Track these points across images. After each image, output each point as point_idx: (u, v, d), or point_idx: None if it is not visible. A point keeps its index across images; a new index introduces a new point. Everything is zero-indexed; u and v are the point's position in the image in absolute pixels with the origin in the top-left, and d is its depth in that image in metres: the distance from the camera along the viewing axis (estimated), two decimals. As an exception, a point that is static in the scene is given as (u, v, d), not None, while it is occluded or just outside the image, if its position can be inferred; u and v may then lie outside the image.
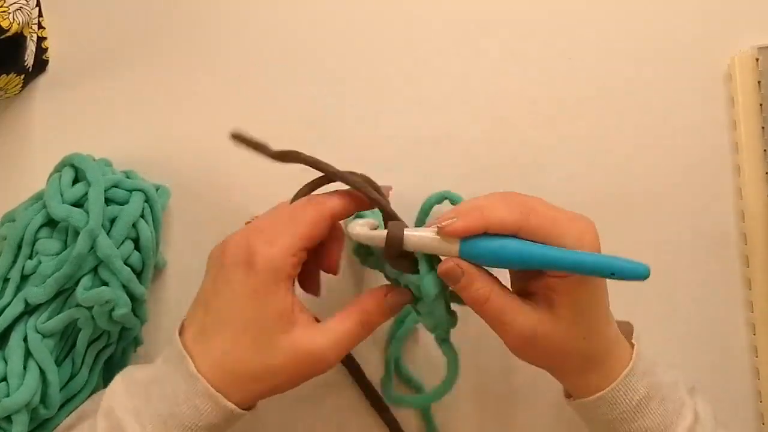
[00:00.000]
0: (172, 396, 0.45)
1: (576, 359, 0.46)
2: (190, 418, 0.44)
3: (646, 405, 0.46)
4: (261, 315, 0.45)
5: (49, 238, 0.53)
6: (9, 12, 0.53)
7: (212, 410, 0.44)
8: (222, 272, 0.46)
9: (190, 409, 0.44)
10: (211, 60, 0.62)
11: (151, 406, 0.45)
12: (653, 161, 0.59)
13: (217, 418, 0.45)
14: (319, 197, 0.48)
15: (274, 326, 0.45)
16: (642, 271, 0.41)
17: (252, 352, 0.45)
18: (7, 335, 0.52)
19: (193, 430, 0.44)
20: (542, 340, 0.45)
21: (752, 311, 0.58)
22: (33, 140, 0.61)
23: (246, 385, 0.45)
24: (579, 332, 0.45)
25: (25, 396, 0.49)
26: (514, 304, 0.45)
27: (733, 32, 0.59)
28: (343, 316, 0.47)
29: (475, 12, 0.61)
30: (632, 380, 0.46)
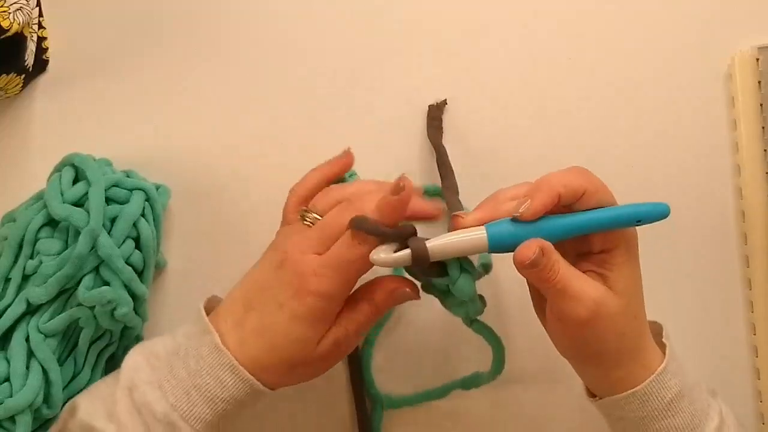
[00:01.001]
0: (196, 368, 0.46)
1: (625, 344, 0.46)
2: (213, 390, 0.45)
3: (677, 403, 0.46)
4: (289, 307, 0.46)
5: (50, 237, 0.53)
6: (9, 12, 0.53)
7: (234, 383, 0.45)
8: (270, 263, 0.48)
9: (213, 380, 0.45)
10: (212, 60, 0.62)
11: (174, 377, 0.46)
12: (653, 161, 0.59)
13: (239, 391, 0.46)
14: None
15: (300, 319, 0.46)
16: (663, 210, 0.45)
17: (277, 337, 0.46)
18: (9, 335, 0.52)
19: (215, 402, 0.45)
20: (606, 314, 0.44)
21: (752, 311, 0.58)
22: (33, 140, 0.61)
23: (278, 369, 0.46)
24: (632, 309, 0.46)
25: (28, 396, 0.49)
26: (581, 276, 0.45)
27: (733, 32, 0.59)
28: (353, 305, 0.48)
29: (474, 12, 0.61)
30: (666, 377, 0.46)
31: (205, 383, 0.45)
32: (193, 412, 0.45)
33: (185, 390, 0.45)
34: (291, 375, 0.47)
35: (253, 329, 0.46)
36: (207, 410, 0.45)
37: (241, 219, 0.60)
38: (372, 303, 0.48)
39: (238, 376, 0.45)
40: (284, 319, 0.46)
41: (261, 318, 0.46)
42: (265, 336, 0.46)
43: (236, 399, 0.46)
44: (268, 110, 0.61)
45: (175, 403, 0.45)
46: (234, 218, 0.60)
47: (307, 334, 0.46)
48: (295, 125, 0.61)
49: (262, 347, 0.46)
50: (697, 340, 0.58)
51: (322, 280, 0.45)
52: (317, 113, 0.61)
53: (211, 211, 0.61)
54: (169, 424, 0.45)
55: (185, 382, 0.45)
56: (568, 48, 0.61)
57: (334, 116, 0.61)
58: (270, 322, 0.46)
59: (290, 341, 0.46)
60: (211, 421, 0.46)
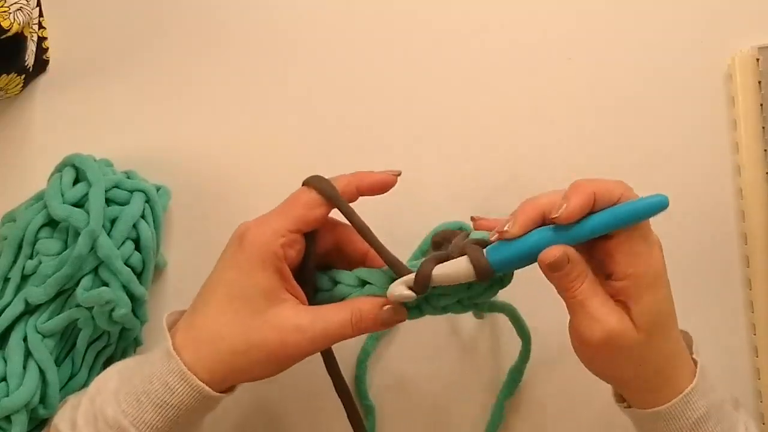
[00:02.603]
0: (149, 374, 0.45)
1: (647, 371, 0.45)
2: (161, 396, 0.45)
3: (703, 424, 0.45)
4: (246, 290, 0.45)
5: (50, 238, 0.53)
6: (9, 12, 0.53)
7: (183, 389, 0.45)
8: (220, 256, 0.48)
9: (161, 386, 0.45)
10: (212, 60, 0.62)
11: (130, 384, 0.45)
12: (653, 161, 0.59)
13: (189, 397, 0.45)
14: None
15: (259, 301, 0.45)
16: (663, 201, 0.44)
17: (233, 325, 0.45)
18: (7, 335, 0.52)
19: (165, 408, 0.45)
20: (621, 345, 0.44)
21: (752, 311, 0.58)
22: (33, 140, 0.61)
23: (223, 361, 0.45)
24: (656, 344, 0.45)
25: (24, 396, 0.49)
26: (602, 296, 0.44)
27: (733, 32, 0.59)
28: (336, 308, 0.47)
29: (474, 12, 0.61)
30: (693, 398, 0.45)
31: (154, 389, 0.45)
32: (143, 418, 0.44)
33: (136, 396, 0.45)
34: (256, 369, 0.46)
35: (216, 331, 0.46)
36: (156, 416, 0.45)
37: (241, 220, 0.60)
38: (356, 312, 0.46)
39: (187, 381, 0.44)
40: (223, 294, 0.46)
41: (219, 304, 0.46)
42: (223, 331, 0.45)
43: (186, 405, 0.45)
44: (268, 111, 0.61)
45: (126, 409, 0.44)
46: (234, 219, 0.59)
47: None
48: (296, 125, 0.61)
49: (220, 346, 0.45)
50: (697, 340, 0.58)
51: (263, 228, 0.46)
52: (318, 113, 0.61)
53: (212, 212, 0.61)
54: (120, 429, 0.44)
55: (137, 388, 0.45)
56: (568, 48, 0.61)
57: (335, 116, 0.61)
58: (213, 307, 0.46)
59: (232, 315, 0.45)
60: (161, 427, 0.45)
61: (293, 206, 0.47)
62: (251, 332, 0.45)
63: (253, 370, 0.46)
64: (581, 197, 0.43)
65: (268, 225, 0.46)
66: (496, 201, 0.59)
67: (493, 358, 0.59)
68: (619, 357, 0.45)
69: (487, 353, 0.59)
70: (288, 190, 0.60)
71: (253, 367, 0.46)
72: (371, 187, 0.48)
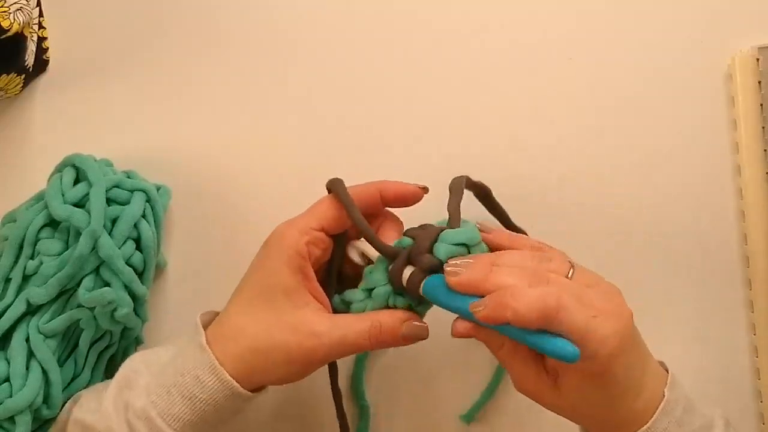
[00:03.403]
0: (180, 368, 0.46)
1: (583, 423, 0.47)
2: (191, 389, 0.45)
3: None
4: (269, 288, 0.46)
5: (51, 238, 0.53)
6: (9, 12, 0.53)
7: (213, 383, 0.45)
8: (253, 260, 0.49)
9: (192, 380, 0.45)
10: (212, 60, 0.62)
11: (161, 375, 0.46)
12: (653, 161, 0.59)
13: (218, 393, 0.45)
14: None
15: (281, 301, 0.46)
16: (572, 355, 0.40)
17: (255, 323, 0.46)
18: (9, 336, 0.52)
19: (193, 401, 0.45)
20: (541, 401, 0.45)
21: (752, 311, 0.58)
22: (33, 140, 0.61)
23: (245, 358, 0.46)
24: (585, 414, 0.45)
25: (27, 397, 0.49)
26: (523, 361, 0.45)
27: (733, 32, 0.59)
28: (357, 318, 0.47)
29: (474, 12, 0.61)
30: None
31: (184, 381, 0.45)
32: (171, 410, 0.45)
33: (166, 388, 0.45)
34: (274, 370, 0.46)
35: (241, 328, 0.46)
36: (185, 409, 0.45)
37: (241, 219, 0.60)
38: (376, 324, 0.46)
39: (217, 376, 0.45)
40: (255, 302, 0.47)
41: (242, 300, 0.47)
42: (246, 329, 0.46)
43: (215, 400, 0.45)
44: (268, 111, 0.61)
45: (155, 400, 0.45)
46: (234, 219, 0.60)
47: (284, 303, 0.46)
48: (296, 125, 0.61)
49: (242, 343, 0.46)
50: (697, 340, 0.58)
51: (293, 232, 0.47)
52: (318, 113, 0.61)
53: (212, 212, 0.61)
54: (147, 419, 0.45)
55: (168, 380, 0.46)
56: (568, 48, 0.61)
57: (335, 116, 0.61)
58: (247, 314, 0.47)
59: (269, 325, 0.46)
60: (190, 420, 0.45)
61: (319, 206, 0.48)
62: (271, 331, 0.46)
63: (273, 370, 0.46)
64: (492, 313, 0.41)
65: (294, 224, 0.47)
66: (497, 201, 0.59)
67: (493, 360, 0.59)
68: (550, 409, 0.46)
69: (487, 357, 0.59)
70: (288, 190, 0.60)
71: (272, 367, 0.46)
72: (396, 197, 0.48)
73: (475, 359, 0.59)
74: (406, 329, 0.46)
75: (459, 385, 0.59)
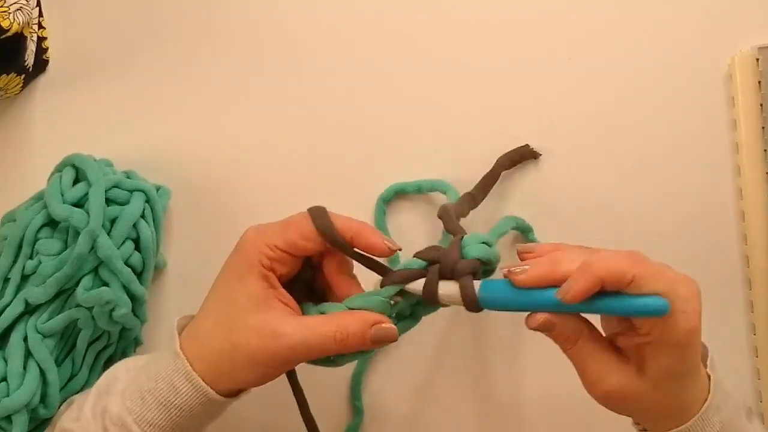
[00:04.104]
0: (155, 373, 0.46)
1: (653, 415, 0.46)
2: (166, 395, 0.45)
3: None
4: (234, 293, 0.46)
5: (50, 238, 0.53)
6: (9, 12, 0.53)
7: (187, 389, 0.45)
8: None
9: (166, 386, 0.45)
10: (212, 60, 0.62)
11: (136, 383, 0.46)
12: (653, 161, 0.59)
13: (193, 399, 0.45)
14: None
15: (245, 304, 0.46)
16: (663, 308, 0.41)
17: (220, 325, 0.46)
18: (7, 335, 0.52)
19: (169, 408, 0.45)
20: (624, 397, 0.44)
21: (752, 311, 0.58)
22: (33, 140, 0.61)
23: (212, 361, 0.45)
24: (664, 394, 0.45)
25: (25, 396, 0.49)
26: (600, 354, 0.45)
27: (733, 32, 0.59)
28: (323, 320, 0.46)
29: (474, 13, 0.61)
30: (708, 415, 0.45)
31: (159, 388, 0.45)
32: (146, 416, 0.45)
33: (141, 394, 0.45)
34: (240, 372, 0.46)
35: (208, 330, 0.46)
36: (160, 415, 0.45)
37: (241, 220, 0.60)
38: (342, 328, 0.45)
39: (191, 382, 0.45)
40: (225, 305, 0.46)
41: (209, 305, 0.47)
42: (212, 332, 0.46)
43: (190, 406, 0.45)
44: (268, 111, 0.61)
45: (130, 406, 0.45)
46: (234, 219, 0.60)
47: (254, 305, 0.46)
48: (296, 126, 0.61)
49: (208, 345, 0.46)
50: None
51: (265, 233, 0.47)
52: (318, 114, 0.61)
53: (212, 212, 0.61)
54: (123, 426, 0.44)
55: (143, 386, 0.45)
56: (568, 48, 0.61)
57: (335, 117, 0.61)
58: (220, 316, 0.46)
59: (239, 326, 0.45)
60: (165, 426, 0.45)
61: (290, 228, 0.47)
62: (234, 334, 0.45)
63: (239, 373, 0.46)
64: (587, 283, 0.42)
65: (262, 235, 0.47)
66: (497, 201, 0.59)
67: (492, 367, 0.59)
68: (622, 406, 0.46)
69: (484, 362, 0.59)
70: (287, 190, 0.60)
71: (237, 369, 0.45)
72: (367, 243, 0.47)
73: (475, 373, 0.59)
74: (374, 332, 0.45)
75: (457, 399, 0.59)
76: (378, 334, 0.45)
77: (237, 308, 0.46)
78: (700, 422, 0.45)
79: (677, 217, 0.59)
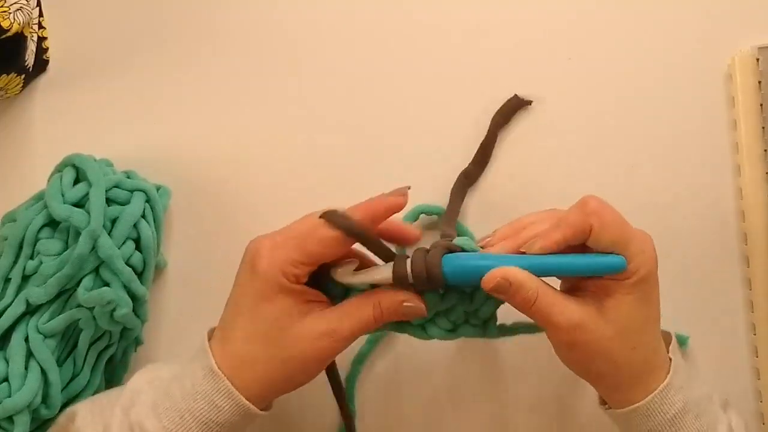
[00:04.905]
0: (191, 391, 0.45)
1: (621, 371, 0.46)
2: (207, 414, 0.45)
3: (681, 419, 0.46)
4: (267, 316, 0.46)
5: (51, 238, 0.53)
6: (9, 12, 0.53)
7: (230, 408, 0.45)
8: (238, 273, 0.48)
9: (207, 405, 0.45)
10: (212, 60, 0.62)
11: (169, 400, 0.45)
12: (653, 161, 0.59)
13: (234, 416, 0.45)
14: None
15: (286, 321, 0.46)
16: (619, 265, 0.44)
17: (264, 351, 0.46)
18: (8, 336, 0.52)
19: (210, 426, 0.45)
20: (589, 336, 0.45)
21: (752, 311, 0.58)
22: (33, 140, 0.61)
23: (261, 381, 0.46)
24: (630, 340, 0.45)
25: (26, 397, 0.49)
26: (562, 299, 0.45)
27: (733, 32, 0.59)
28: (358, 304, 0.47)
29: (474, 12, 0.61)
30: (669, 393, 0.46)
31: (199, 407, 0.45)
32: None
33: (179, 413, 0.45)
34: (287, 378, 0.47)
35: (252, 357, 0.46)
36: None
37: (241, 219, 0.60)
38: (377, 307, 0.47)
39: (234, 400, 0.45)
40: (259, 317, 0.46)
41: (245, 330, 0.46)
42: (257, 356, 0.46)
43: (231, 423, 0.45)
44: (268, 111, 0.61)
45: (168, 426, 0.45)
46: (234, 219, 0.60)
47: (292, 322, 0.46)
48: (296, 126, 0.61)
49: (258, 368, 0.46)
50: (697, 340, 0.58)
51: (282, 252, 0.46)
52: (318, 114, 0.61)
53: (212, 212, 0.61)
54: None
55: (179, 405, 0.45)
56: (568, 48, 0.61)
57: (335, 117, 0.61)
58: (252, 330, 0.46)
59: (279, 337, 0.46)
60: None
61: (309, 241, 0.46)
62: (285, 351, 0.46)
63: (294, 379, 0.47)
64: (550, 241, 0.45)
65: (280, 254, 0.46)
66: (496, 201, 0.59)
67: (490, 371, 0.60)
68: (589, 353, 0.46)
69: (485, 367, 0.60)
70: (288, 190, 0.60)
71: (292, 377, 0.47)
72: (385, 213, 0.47)
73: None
74: (405, 309, 0.47)
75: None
76: (408, 310, 0.47)
77: (277, 327, 0.46)
78: (659, 398, 0.46)
79: (677, 217, 0.59)
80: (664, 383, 0.46)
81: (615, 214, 0.45)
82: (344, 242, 0.46)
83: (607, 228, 0.44)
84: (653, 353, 0.47)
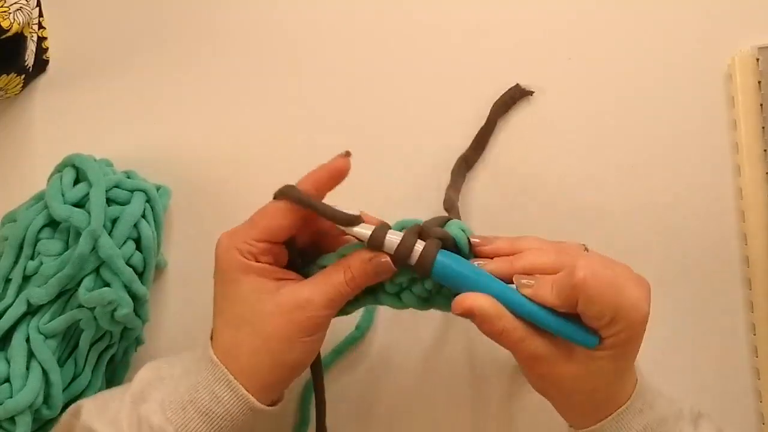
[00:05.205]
0: (194, 383, 0.46)
1: (577, 404, 0.47)
2: (207, 404, 0.45)
3: None
4: (239, 296, 0.46)
5: (51, 238, 0.53)
6: (9, 12, 0.53)
7: (230, 398, 0.45)
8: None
9: (208, 395, 0.45)
10: (212, 60, 0.62)
11: (175, 391, 0.46)
12: (653, 161, 0.59)
13: (235, 408, 0.45)
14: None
15: (256, 299, 0.46)
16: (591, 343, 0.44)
17: (243, 330, 0.46)
18: (9, 336, 0.52)
19: (211, 417, 0.45)
20: (549, 369, 0.45)
21: (752, 311, 0.58)
22: (33, 140, 0.61)
23: (255, 368, 0.46)
24: (589, 384, 0.45)
25: (28, 397, 0.49)
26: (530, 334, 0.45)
27: (733, 32, 0.59)
28: (329, 272, 0.47)
29: (474, 12, 0.61)
30: (626, 417, 0.46)
31: (200, 398, 0.45)
32: (189, 426, 0.45)
33: (182, 404, 0.45)
34: (275, 361, 0.46)
35: (234, 341, 0.46)
36: (202, 426, 0.45)
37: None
38: (348, 270, 0.47)
39: (233, 390, 0.45)
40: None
41: (223, 316, 0.47)
42: (243, 337, 0.46)
43: (232, 416, 0.45)
44: (268, 111, 0.61)
45: (171, 417, 0.45)
46: (234, 219, 0.60)
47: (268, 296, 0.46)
48: (296, 126, 0.61)
49: (244, 352, 0.46)
50: (698, 340, 0.58)
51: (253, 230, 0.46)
52: (318, 114, 0.61)
53: (212, 212, 0.61)
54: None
55: (183, 397, 0.45)
56: (568, 48, 0.61)
57: (335, 117, 0.61)
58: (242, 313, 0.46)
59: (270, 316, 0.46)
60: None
61: (261, 217, 0.47)
62: (262, 330, 0.45)
63: (282, 361, 0.46)
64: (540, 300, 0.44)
65: (235, 235, 0.47)
66: (495, 201, 0.59)
67: (465, 377, 0.60)
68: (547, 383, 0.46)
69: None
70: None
71: (279, 358, 0.46)
72: (330, 179, 0.48)
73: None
74: (374, 265, 0.46)
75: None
76: (375, 267, 0.46)
77: (249, 306, 0.46)
78: (614, 422, 0.46)
79: (677, 217, 0.59)
80: (624, 406, 0.46)
81: (602, 283, 0.43)
82: (293, 211, 0.46)
83: (593, 302, 0.42)
84: (618, 389, 0.46)
